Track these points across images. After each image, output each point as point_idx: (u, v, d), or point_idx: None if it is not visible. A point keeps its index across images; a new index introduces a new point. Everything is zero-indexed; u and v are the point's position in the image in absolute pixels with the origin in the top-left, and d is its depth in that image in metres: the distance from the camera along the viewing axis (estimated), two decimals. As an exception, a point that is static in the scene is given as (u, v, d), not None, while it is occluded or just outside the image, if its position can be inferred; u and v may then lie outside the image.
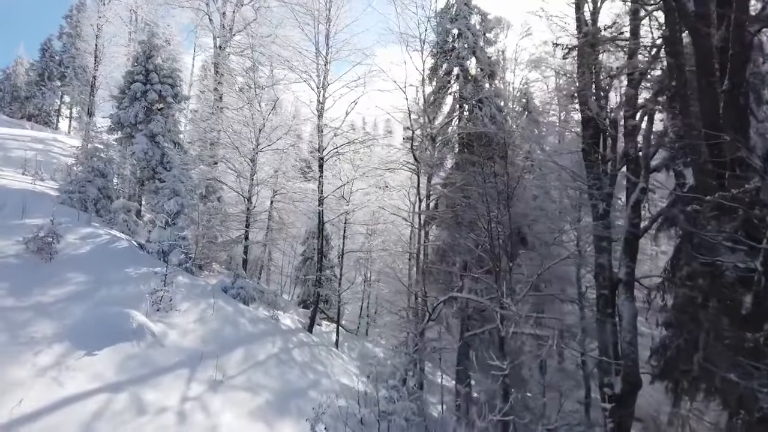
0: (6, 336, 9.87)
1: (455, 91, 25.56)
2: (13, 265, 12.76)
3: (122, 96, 24.98)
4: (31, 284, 12.27)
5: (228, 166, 24.49)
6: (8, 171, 23.72)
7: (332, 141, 21.82)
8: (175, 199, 18.51)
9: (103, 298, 12.97)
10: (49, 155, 31.23)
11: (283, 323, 18.77)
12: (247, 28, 26.21)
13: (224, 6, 28.22)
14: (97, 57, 34.22)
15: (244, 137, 23.11)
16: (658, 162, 17.51)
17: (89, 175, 20.13)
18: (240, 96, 25.64)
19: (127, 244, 17.50)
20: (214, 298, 16.37)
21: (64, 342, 10.45)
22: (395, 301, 24.40)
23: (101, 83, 35.57)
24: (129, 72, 25.47)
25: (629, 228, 16.51)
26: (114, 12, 35.50)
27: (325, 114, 21.85)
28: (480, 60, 24.92)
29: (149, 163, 23.49)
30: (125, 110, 24.07)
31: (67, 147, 35.68)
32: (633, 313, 16.37)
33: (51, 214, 16.72)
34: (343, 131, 22.16)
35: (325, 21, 21.79)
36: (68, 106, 63.08)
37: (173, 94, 24.95)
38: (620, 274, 16.62)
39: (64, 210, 18.18)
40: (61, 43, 60.99)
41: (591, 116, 17.40)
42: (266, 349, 15.17)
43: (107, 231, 17.79)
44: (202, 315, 15.01)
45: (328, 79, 21.87)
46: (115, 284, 14.07)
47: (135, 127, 24.10)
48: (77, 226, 16.86)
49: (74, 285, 13.14)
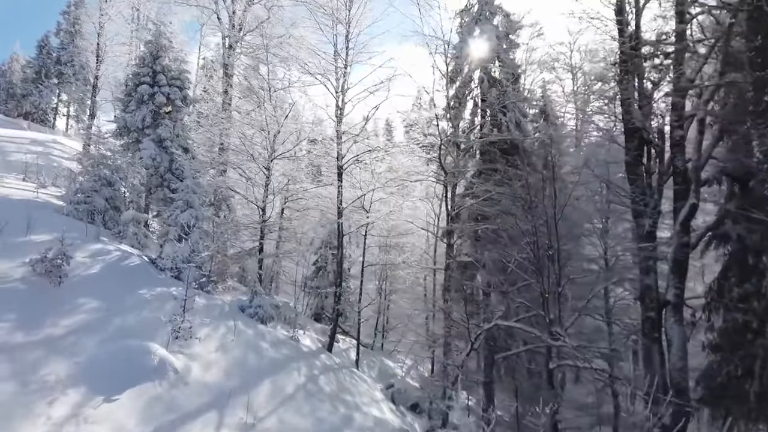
0: (16, 383, 8.72)
1: (476, 95, 24.51)
2: (20, 292, 11.59)
3: (128, 98, 23.77)
4: (41, 313, 11.12)
5: (239, 173, 23.29)
6: (8, 177, 22.55)
7: (351, 148, 20.66)
8: (188, 211, 17.34)
9: (119, 328, 11.82)
10: (49, 158, 30.05)
11: (303, 344, 17.66)
12: (260, 27, 24.98)
13: (233, 4, 26.98)
14: (99, 56, 32.89)
15: (257, 143, 21.93)
16: (708, 174, 16.47)
17: (96, 184, 18.95)
18: (252, 99, 24.48)
19: (138, 260, 16.34)
20: (232, 321, 15.27)
21: (80, 386, 9.31)
22: (415, 318, 23.46)
23: (103, 83, 34.25)
24: (135, 73, 24.26)
25: (678, 247, 15.47)
26: (116, 9, 34.17)
27: (344, 119, 20.68)
28: (504, 63, 23.83)
29: (157, 170, 22.32)
30: (132, 114, 22.85)
31: (67, 149, 34.52)
32: (683, 337, 15.36)
33: (58, 229, 15.70)
34: (363, 138, 20.96)
35: (344, 21, 20.59)
36: (65, 104, 61.69)
37: (182, 96, 23.77)
38: (668, 295, 15.59)
39: (71, 223, 17.02)
40: (58, 39, 59.58)
41: (636, 126, 16.34)
42: (293, 379, 14.05)
43: (117, 246, 16.63)
44: (223, 341, 13.90)
45: (347, 82, 20.68)
46: (129, 310, 12.93)
47: (142, 131, 22.90)
48: (86, 242, 15.68)
49: (86, 312, 11.99)
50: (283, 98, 22.20)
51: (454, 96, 22.05)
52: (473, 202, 20.20)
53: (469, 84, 23.71)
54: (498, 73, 23.79)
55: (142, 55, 24.18)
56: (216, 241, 18.56)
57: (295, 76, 22.89)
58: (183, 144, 23.62)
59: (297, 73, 21.88)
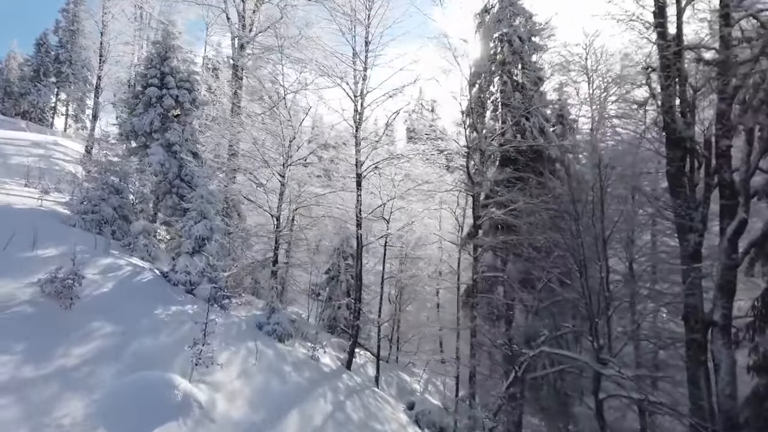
0: (29, 429, 7.76)
1: (496, 99, 23.58)
2: (28, 317, 10.61)
3: (135, 101, 22.80)
4: (52, 342, 10.16)
5: (250, 179, 22.30)
6: (10, 183, 21.56)
7: (371, 155, 19.70)
8: (203, 222, 16.35)
9: (136, 356, 10.86)
10: (50, 161, 29.05)
11: (323, 363, 16.73)
12: (272, 27, 23.98)
13: (243, 3, 25.98)
14: (102, 56, 31.82)
15: (271, 148, 20.95)
16: (756, 186, 15.55)
17: (103, 192, 17.97)
18: (263, 102, 23.52)
19: (151, 275, 15.37)
20: (252, 341, 14.36)
21: (99, 429, 8.35)
22: (431, 330, 22.54)
23: (106, 84, 33.18)
24: (142, 75, 23.31)
25: (726, 264, 14.56)
26: (119, 8, 33.12)
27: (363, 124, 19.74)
28: (527, 66, 22.91)
29: (166, 176, 21.38)
30: (139, 117, 21.90)
31: (69, 152, 33.49)
32: (731, 361, 14.43)
33: (65, 241, 14.78)
34: (382, 144, 20.00)
35: (364, 22, 19.65)
36: (64, 103, 60.59)
37: (191, 99, 22.83)
38: (715, 316, 14.69)
39: (78, 235, 16.07)
40: (57, 37, 58.51)
41: (679, 135, 15.44)
42: (319, 407, 13.12)
43: (128, 260, 15.66)
44: (245, 366, 12.98)
45: (366, 86, 19.72)
46: (146, 333, 11.97)
47: (150, 135, 21.95)
48: (95, 255, 14.70)
49: (101, 338, 11.01)
50: (297, 101, 21.19)
51: (477, 100, 21.04)
52: (500, 213, 19.23)
53: (488, 88, 22.76)
54: (520, 76, 22.87)
55: (150, 56, 23.20)
56: (231, 254, 17.56)
57: (309, 78, 21.92)
58: (192, 149, 22.68)
59: (311, 75, 20.86)
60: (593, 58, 31.99)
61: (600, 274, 13.84)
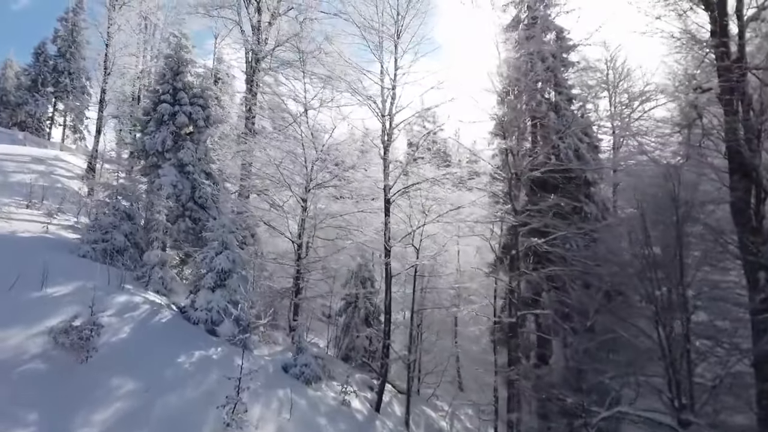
0: None
1: (525, 119, 22.37)
2: (41, 375, 9.30)
3: (146, 118, 21.48)
4: (69, 406, 8.84)
5: (266, 200, 21.01)
6: (12, 205, 20.19)
7: (400, 178, 18.45)
8: (225, 254, 15.04)
9: (163, 419, 9.57)
10: (52, 178, 27.65)
11: (354, 408, 15.43)
12: (293, 40, 22.80)
13: (259, 15, 24.76)
14: (107, 68, 30.51)
15: (291, 169, 19.68)
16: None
17: (114, 218, 16.66)
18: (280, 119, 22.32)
19: (169, 314, 14.06)
20: (281, 387, 13.10)
21: None
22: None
23: (111, 98, 31.85)
24: (153, 91, 22.02)
25: (801, 306, 13.33)
26: (125, 18, 31.86)
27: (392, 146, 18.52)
28: (560, 84, 21.78)
29: (179, 198, 20.03)
30: (151, 136, 20.55)
31: (71, 167, 32.16)
32: (811, 415, 13.12)
33: (75, 276, 13.51)
34: (413, 166, 18.72)
35: (393, 37, 18.47)
36: (62, 114, 59.07)
37: (204, 116, 21.50)
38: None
39: (89, 267, 14.76)
40: (55, 47, 57.12)
41: (743, 162, 14.26)
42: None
43: (143, 295, 14.35)
44: (279, 421, 11.73)
45: (396, 105, 18.51)
46: (171, 388, 10.66)
47: (162, 155, 20.59)
48: (109, 292, 13.39)
49: (123, 399, 9.68)
50: (319, 120, 19.98)
51: (512, 120, 19.82)
52: (541, 242, 17.93)
53: (520, 107, 21.56)
54: (554, 95, 21.74)
55: (162, 71, 21.91)
56: (254, 287, 16.27)
57: (329, 95, 20.72)
58: (206, 169, 21.37)
59: (330, 91, 19.67)
60: (614, 73, 30.88)
61: (681, 320, 12.50)
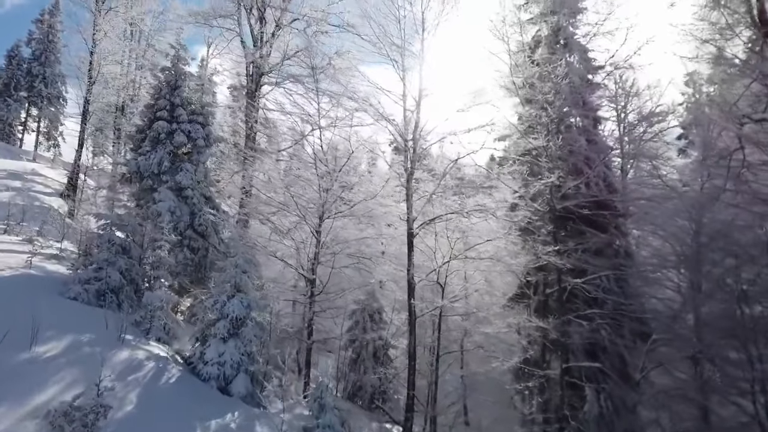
0: None
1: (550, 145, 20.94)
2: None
3: (140, 136, 19.64)
4: None
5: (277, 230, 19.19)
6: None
7: (424, 209, 16.88)
8: (239, 298, 13.27)
9: None
10: (30, 196, 25.43)
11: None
12: (299, 54, 21.15)
13: (262, 26, 23.04)
14: (92, 77, 28.36)
15: (301, 194, 17.97)
16: None
17: (109, 253, 14.73)
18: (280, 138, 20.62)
19: (177, 371, 12.25)
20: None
21: None
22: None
23: (95, 108, 29.69)
24: (148, 105, 20.24)
25: None
26: (110, 25, 29.80)
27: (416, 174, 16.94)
28: (588, 107, 20.48)
29: (176, 226, 18.20)
30: (146, 156, 18.75)
31: (49, 182, 29.92)
32: None
33: (68, 327, 11.70)
34: (439, 197, 17.13)
35: (418, 54, 17.00)
36: (35, 119, 56.09)
37: (204, 135, 19.75)
38: None
39: (81, 313, 13.03)
40: (29, 50, 54.38)
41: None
42: None
43: (145, 348, 12.51)
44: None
45: (420, 129, 16.96)
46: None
47: (158, 177, 18.78)
48: (108, 346, 11.55)
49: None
50: (334, 143, 18.31)
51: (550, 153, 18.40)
52: (581, 281, 16.45)
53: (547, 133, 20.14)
54: (578, 119, 20.41)
55: (158, 85, 20.12)
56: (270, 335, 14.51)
57: (342, 114, 19.05)
58: (205, 192, 19.63)
59: (349, 114, 18.06)
60: (624, 92, 29.49)
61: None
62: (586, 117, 20.57)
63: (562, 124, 19.74)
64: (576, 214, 18.77)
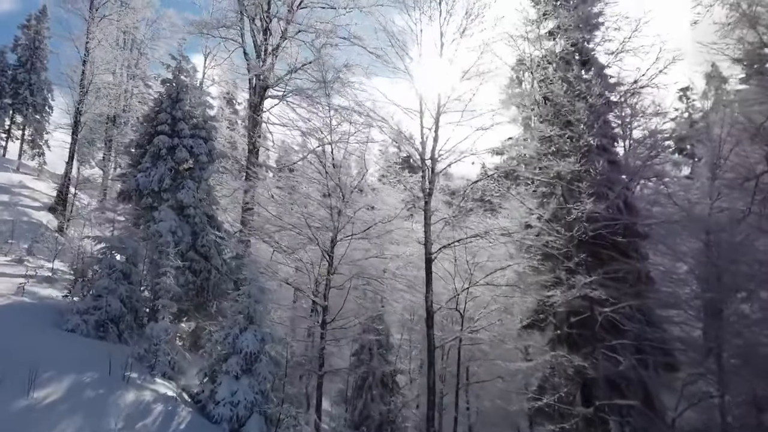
0: None
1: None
2: None
3: (139, 152, 18.60)
4: None
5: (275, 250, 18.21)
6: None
7: (442, 232, 16.01)
8: (251, 330, 12.28)
9: None
10: (18, 211, 24.22)
11: None
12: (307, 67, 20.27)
13: (265, 37, 22.09)
14: (84, 86, 27.20)
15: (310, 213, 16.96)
16: None
17: (109, 280, 13.67)
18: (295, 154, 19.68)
19: (186, 413, 11.22)
20: None
21: None
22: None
23: (86, 119, 28.46)
24: (148, 118, 19.22)
25: None
26: (104, 33, 28.69)
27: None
28: (607, 125, 19.78)
29: (177, 246, 17.11)
30: (146, 173, 17.69)
31: (37, 195, 28.69)
32: None
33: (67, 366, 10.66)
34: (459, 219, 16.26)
35: (439, 69, 16.17)
36: (20, 126, 54.43)
37: (207, 150, 18.73)
38: None
39: (81, 347, 11.97)
40: (15, 56, 52.82)
41: None
42: None
43: (151, 387, 11.48)
44: None
45: (438, 148, 16.11)
46: None
47: (158, 195, 17.72)
48: (111, 387, 10.58)
49: None
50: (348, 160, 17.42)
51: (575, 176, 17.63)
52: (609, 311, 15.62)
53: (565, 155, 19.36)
54: (598, 140, 19.67)
55: (159, 98, 19.11)
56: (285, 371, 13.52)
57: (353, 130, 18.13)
58: (208, 211, 18.58)
59: (367, 131, 17.23)
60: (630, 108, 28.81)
61: None
62: (604, 136, 19.87)
63: (585, 143, 18.98)
64: (607, 240, 17.97)
